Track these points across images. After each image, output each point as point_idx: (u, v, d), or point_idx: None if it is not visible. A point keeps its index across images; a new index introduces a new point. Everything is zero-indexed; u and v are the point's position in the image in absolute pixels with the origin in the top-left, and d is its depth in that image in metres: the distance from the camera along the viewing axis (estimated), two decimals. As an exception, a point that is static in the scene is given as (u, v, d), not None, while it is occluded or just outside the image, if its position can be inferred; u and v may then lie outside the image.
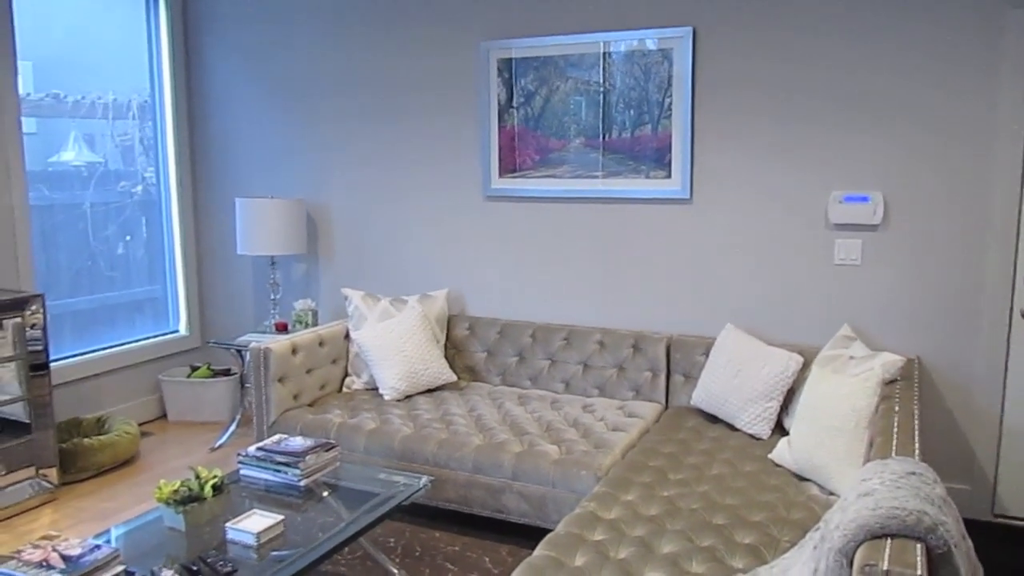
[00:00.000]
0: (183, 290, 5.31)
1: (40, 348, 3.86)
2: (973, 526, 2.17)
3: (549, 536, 2.56)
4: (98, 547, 2.36)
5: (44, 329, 3.87)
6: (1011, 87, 3.42)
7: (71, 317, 4.71)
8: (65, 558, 2.30)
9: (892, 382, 3.21)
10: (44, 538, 2.43)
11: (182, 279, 5.30)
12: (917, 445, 2.47)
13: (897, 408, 2.86)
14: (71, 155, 4.73)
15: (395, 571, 3.18)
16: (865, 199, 3.68)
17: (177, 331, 5.34)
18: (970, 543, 1.97)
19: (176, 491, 2.68)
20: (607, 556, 2.45)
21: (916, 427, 2.64)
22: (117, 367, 4.88)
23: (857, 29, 3.62)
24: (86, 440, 4.18)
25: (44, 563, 2.29)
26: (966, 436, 3.68)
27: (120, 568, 2.34)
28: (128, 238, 5.05)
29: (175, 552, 2.54)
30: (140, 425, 4.89)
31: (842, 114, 3.70)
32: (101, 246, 4.89)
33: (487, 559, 3.32)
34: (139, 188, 5.10)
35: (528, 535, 3.34)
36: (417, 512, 3.68)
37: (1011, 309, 3.54)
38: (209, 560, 2.40)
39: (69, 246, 4.69)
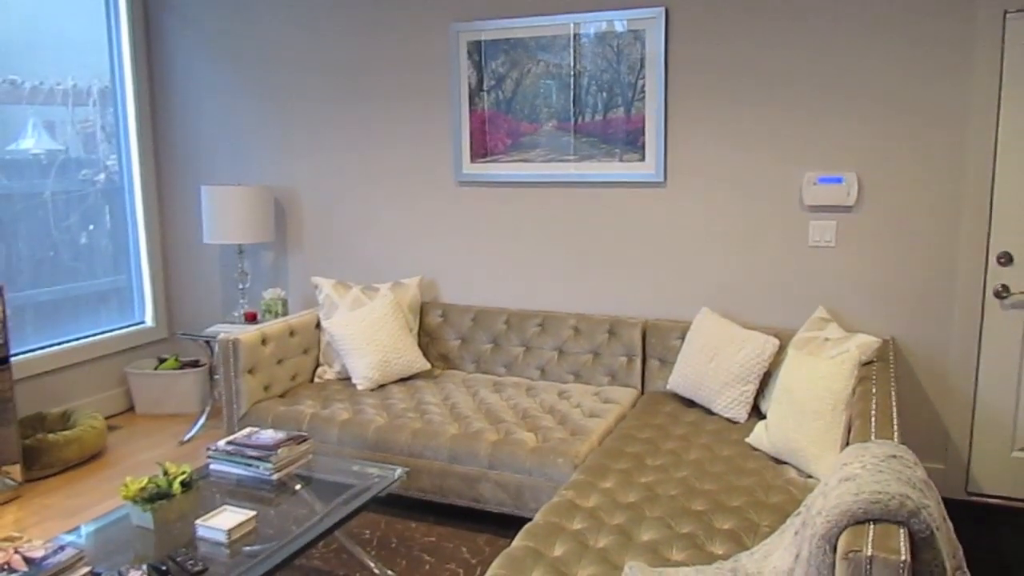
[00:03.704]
0: (149, 280, 5.20)
1: (0, 342, 3.75)
2: (948, 504, 2.17)
3: (528, 526, 2.52)
4: (62, 548, 2.29)
5: (4, 322, 3.76)
6: (984, 69, 3.41)
7: (33, 309, 4.59)
8: (28, 560, 2.23)
9: (868, 363, 3.21)
10: (6, 539, 2.36)
11: (147, 269, 5.19)
12: (896, 427, 2.46)
13: (874, 390, 2.86)
14: (30, 143, 4.60)
15: (371, 564, 3.14)
16: (839, 180, 3.67)
17: (143, 322, 5.22)
18: (950, 524, 1.96)
19: (143, 488, 2.60)
20: (587, 545, 2.42)
21: (894, 409, 2.63)
22: (82, 360, 4.76)
23: (830, 11, 3.59)
24: (51, 435, 4.07)
25: (5, 566, 2.21)
26: (940, 416, 3.70)
27: (85, 569, 2.27)
28: (91, 227, 4.93)
29: (143, 551, 2.47)
30: (107, 419, 4.79)
31: (816, 95, 3.68)
32: (63, 236, 4.76)
33: (464, 549, 3.28)
34: (102, 176, 4.97)
35: (505, 524, 3.31)
36: (392, 503, 3.63)
37: (984, 289, 3.55)
38: (179, 559, 2.34)
39: (30, 236, 4.56)
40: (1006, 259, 3.51)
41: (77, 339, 4.79)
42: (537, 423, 3.50)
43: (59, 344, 4.68)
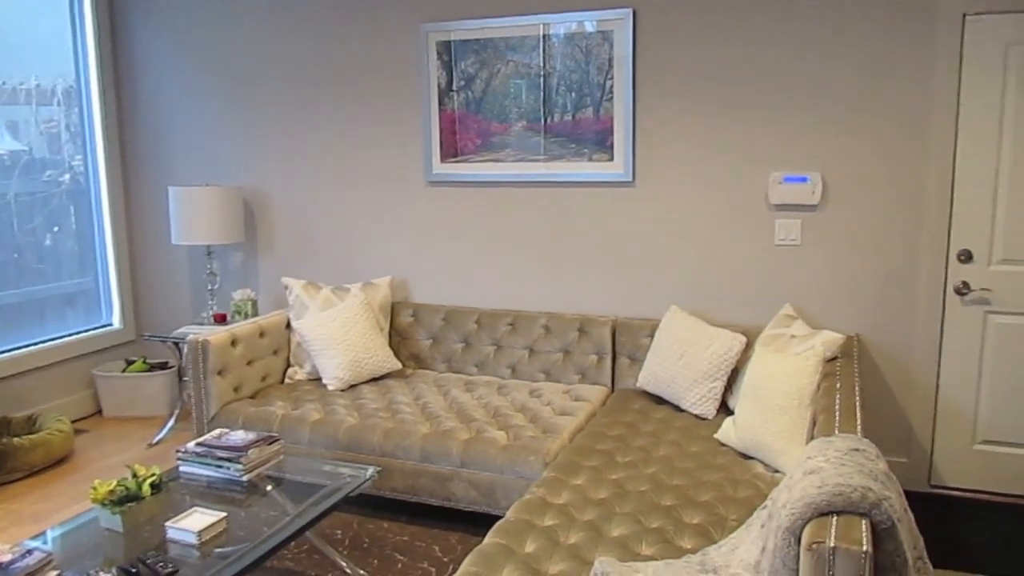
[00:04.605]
0: (116, 282, 5.14)
1: (-36, 346, 3.70)
2: (911, 497, 2.22)
3: (499, 523, 2.54)
4: (30, 552, 2.27)
5: (-33, 326, 3.71)
6: (944, 70, 3.48)
7: (-3, 312, 4.53)
8: (-5, 565, 2.21)
9: (833, 359, 3.27)
10: (-28, 545, 2.33)
11: (115, 271, 5.13)
12: (859, 421, 2.51)
13: (839, 385, 2.91)
14: (-8, 143, 4.54)
15: (343, 563, 3.14)
16: (804, 179, 3.72)
17: (111, 324, 5.17)
18: (911, 515, 2.01)
19: (112, 491, 2.58)
20: (558, 541, 2.44)
21: (857, 404, 2.69)
22: (48, 363, 4.70)
23: (796, 13, 3.65)
24: (16, 439, 4.02)
25: (-28, 571, 2.19)
26: (903, 410, 3.77)
27: (54, 573, 2.25)
28: (56, 229, 4.86)
29: (113, 554, 2.45)
30: (74, 422, 4.74)
31: (781, 96, 3.73)
32: (28, 238, 4.69)
33: (436, 548, 3.29)
34: (67, 177, 4.91)
35: (477, 522, 3.33)
36: (364, 503, 3.63)
37: (945, 286, 3.63)
38: (148, 561, 2.32)
39: (-7, 238, 4.50)
40: (966, 256, 3.59)
41: (43, 342, 4.72)
42: (508, 421, 3.51)
43: (24, 347, 4.62)
